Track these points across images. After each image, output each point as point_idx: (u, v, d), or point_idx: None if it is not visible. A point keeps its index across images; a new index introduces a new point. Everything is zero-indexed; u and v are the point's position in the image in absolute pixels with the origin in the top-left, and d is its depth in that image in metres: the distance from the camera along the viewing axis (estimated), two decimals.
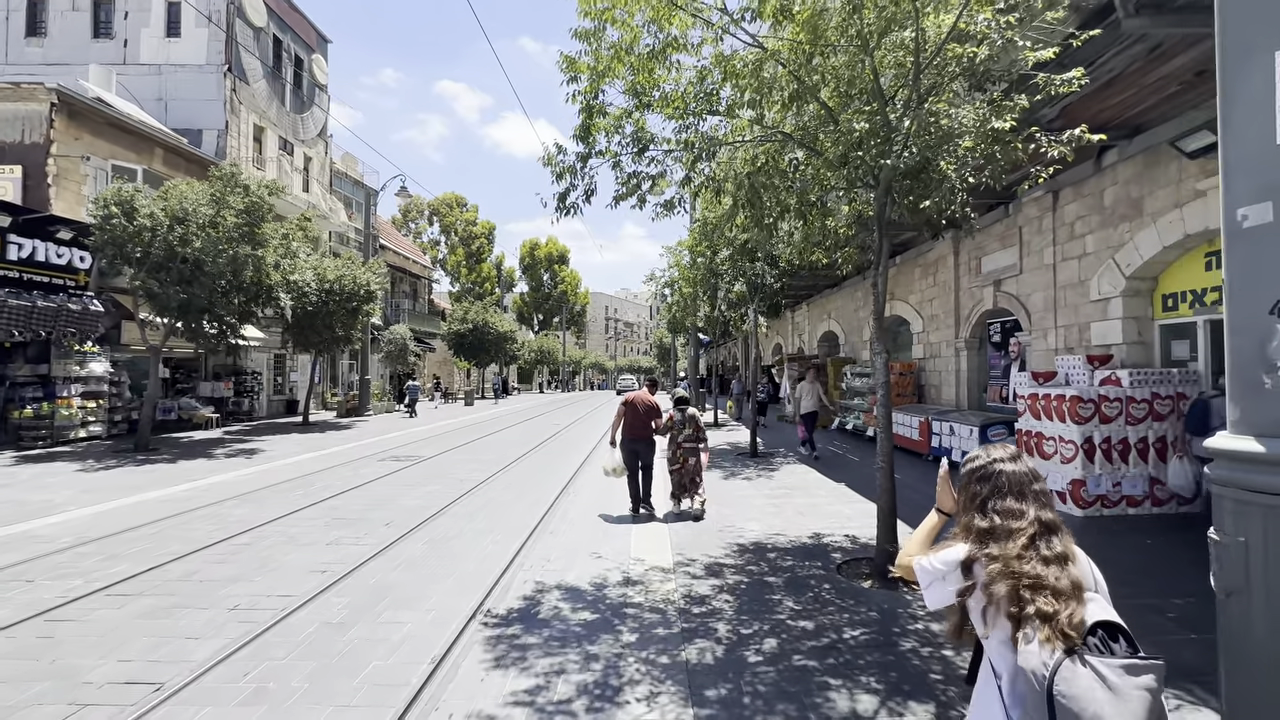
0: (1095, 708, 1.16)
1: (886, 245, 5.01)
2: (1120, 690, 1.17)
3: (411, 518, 7.03)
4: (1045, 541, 1.42)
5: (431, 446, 13.65)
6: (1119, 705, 1.16)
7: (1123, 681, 1.18)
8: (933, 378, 12.48)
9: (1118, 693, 1.17)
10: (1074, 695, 1.19)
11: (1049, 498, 1.52)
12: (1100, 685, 1.18)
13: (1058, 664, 1.22)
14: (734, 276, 12.56)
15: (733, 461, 11.26)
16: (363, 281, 18.04)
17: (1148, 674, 1.19)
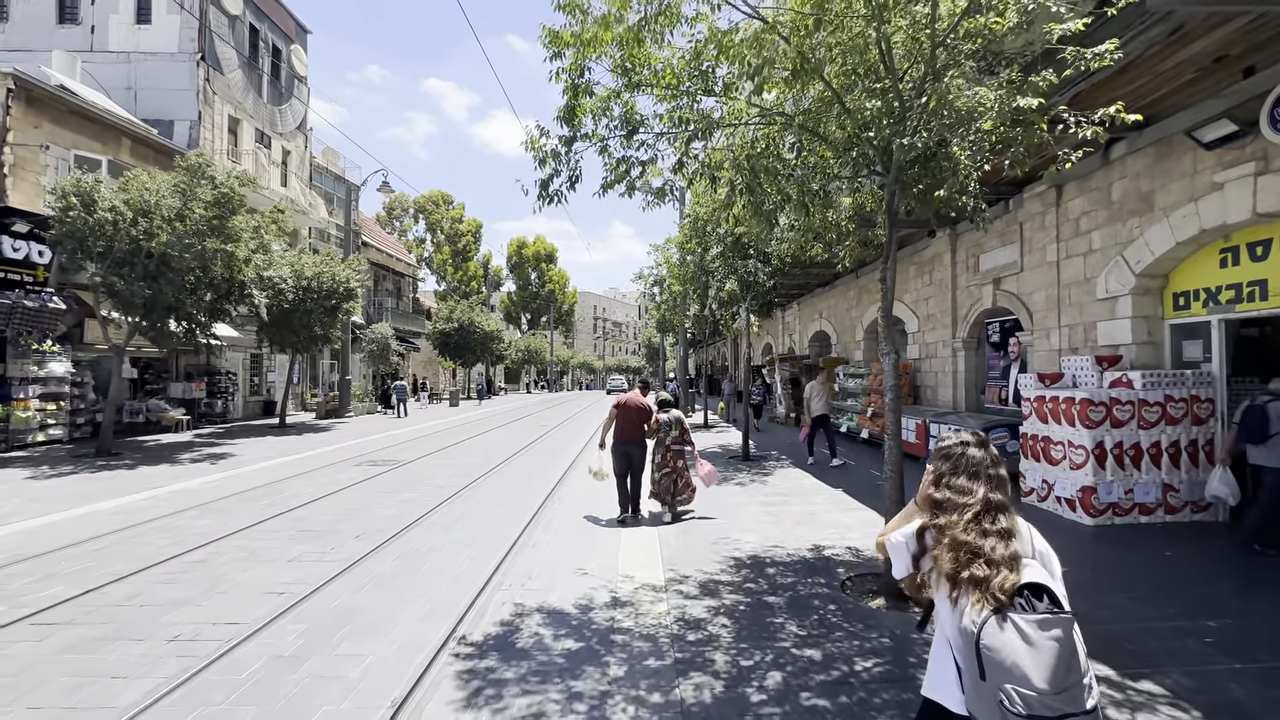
0: (1014, 657, 1.41)
1: (894, 237, 4.63)
2: (1035, 641, 1.41)
3: (384, 529, 6.56)
4: (989, 518, 1.62)
5: (412, 450, 13.13)
6: (1034, 654, 1.40)
7: (1037, 634, 1.42)
8: (929, 379, 12.20)
9: (1033, 643, 1.41)
10: (996, 647, 1.43)
11: (1003, 482, 1.70)
12: (1019, 638, 1.42)
13: (984, 621, 1.46)
14: (725, 274, 12.18)
15: (725, 465, 10.88)
16: (342, 278, 17.44)
17: (1057, 627, 1.43)
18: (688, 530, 6.57)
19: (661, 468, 7.05)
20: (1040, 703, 1.39)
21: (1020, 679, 1.40)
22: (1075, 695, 1.41)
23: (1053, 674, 1.40)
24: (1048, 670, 1.40)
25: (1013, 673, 1.41)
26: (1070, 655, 1.42)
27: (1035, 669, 1.40)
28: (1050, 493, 6.86)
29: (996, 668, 1.44)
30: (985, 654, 1.45)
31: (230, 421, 18.93)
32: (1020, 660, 1.41)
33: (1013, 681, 1.41)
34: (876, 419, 12.53)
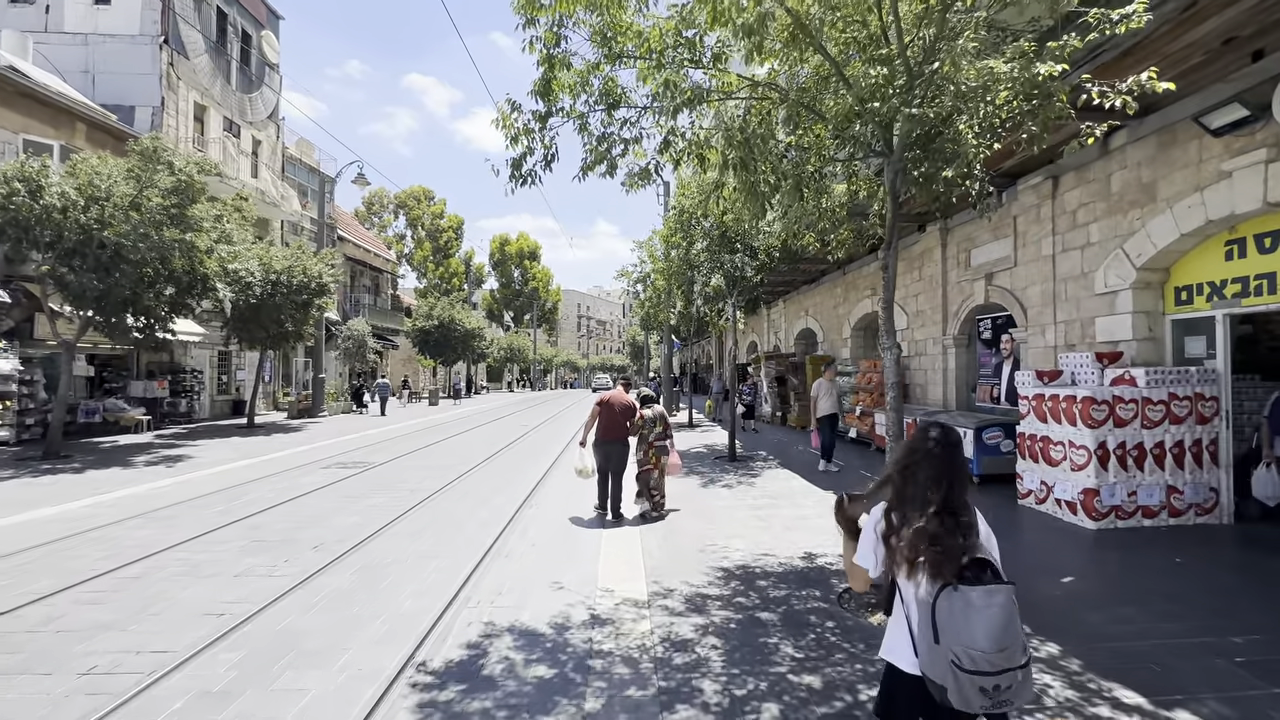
0: (963, 620, 1.66)
1: (896, 222, 4.29)
2: (980, 607, 1.66)
3: (345, 539, 6.07)
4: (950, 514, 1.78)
5: (384, 451, 12.58)
6: (979, 617, 1.65)
7: (982, 600, 1.67)
8: (918, 376, 11.95)
9: (980, 610, 1.66)
10: (947, 611, 1.68)
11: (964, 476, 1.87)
12: (969, 606, 1.67)
13: (938, 591, 1.71)
14: (711, 269, 11.82)
15: (711, 466, 10.52)
16: (314, 273, 16.77)
17: (1000, 595, 1.68)
18: (672, 536, 6.18)
19: (644, 464, 6.88)
20: (985, 659, 1.62)
21: (969, 640, 1.63)
22: (1013, 653, 1.64)
23: (996, 635, 1.62)
24: (992, 632, 1.62)
25: (962, 635, 1.64)
26: (1010, 619, 1.65)
27: (982, 631, 1.63)
28: (1049, 495, 6.58)
29: (949, 631, 1.66)
30: (940, 620, 1.67)
31: (196, 422, 18.14)
32: (969, 624, 1.64)
33: (962, 642, 1.63)
34: (865, 418, 12.27)
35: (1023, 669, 1.65)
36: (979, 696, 1.62)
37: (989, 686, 1.62)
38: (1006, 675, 1.63)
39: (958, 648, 1.64)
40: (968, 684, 1.62)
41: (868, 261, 14.27)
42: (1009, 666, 1.63)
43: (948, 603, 1.68)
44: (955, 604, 1.67)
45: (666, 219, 13.20)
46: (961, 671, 1.63)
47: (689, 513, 7.14)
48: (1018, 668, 1.64)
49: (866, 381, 12.58)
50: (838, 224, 5.56)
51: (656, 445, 6.86)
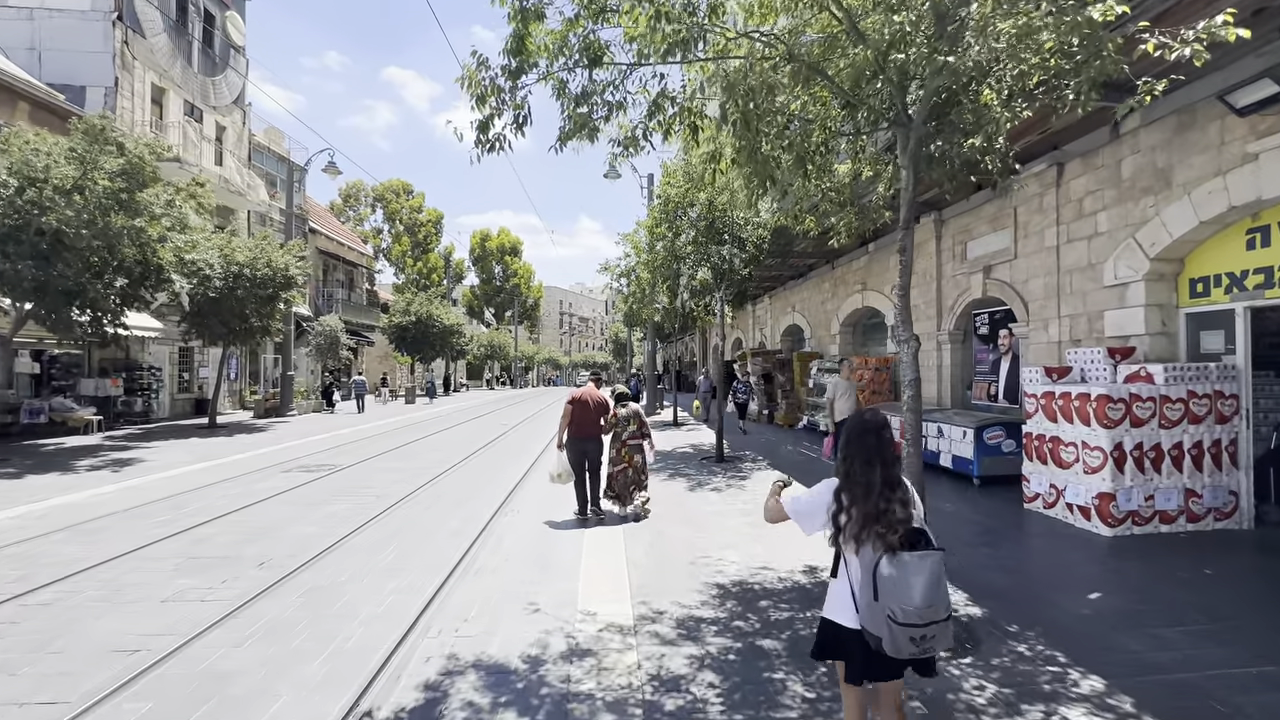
0: (901, 581, 1.93)
1: (915, 196, 3.81)
2: (915, 570, 1.94)
3: (297, 554, 5.45)
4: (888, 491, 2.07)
5: (353, 453, 11.88)
6: (914, 578, 1.92)
7: (917, 565, 1.94)
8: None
9: (914, 572, 1.93)
10: (887, 574, 1.95)
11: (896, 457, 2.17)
12: (904, 568, 1.94)
13: (879, 557, 1.99)
14: (698, 261, 11.33)
15: (698, 468, 10.03)
16: (280, 265, 15.92)
17: (931, 559, 1.96)
18: (659, 546, 5.67)
19: (617, 463, 6.70)
20: (916, 614, 1.91)
21: (905, 598, 1.92)
22: (939, 608, 1.94)
23: (927, 593, 1.92)
24: (924, 591, 1.92)
25: (899, 593, 1.93)
26: (939, 579, 1.95)
27: (913, 589, 1.92)
28: (1059, 499, 6.20)
29: (888, 591, 1.95)
30: (880, 581, 1.96)
31: (154, 422, 17.18)
32: (906, 584, 1.93)
33: (897, 599, 1.93)
34: None
35: (945, 621, 1.95)
36: (909, 645, 1.92)
37: (918, 636, 1.92)
38: (933, 627, 1.92)
39: (894, 604, 1.92)
40: (900, 634, 1.91)
41: (857, 256, 13.90)
42: (935, 619, 1.93)
43: (888, 567, 1.96)
44: (894, 568, 1.95)
45: (651, 209, 12.67)
46: (896, 624, 1.91)
47: (676, 519, 6.64)
48: (941, 620, 1.94)
49: (858, 379, 12.18)
50: (841, 205, 5.07)
51: (630, 444, 6.67)
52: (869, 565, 2.01)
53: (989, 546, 5.54)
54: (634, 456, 6.69)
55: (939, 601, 1.93)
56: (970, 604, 4.25)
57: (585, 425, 6.65)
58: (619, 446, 6.72)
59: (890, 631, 1.93)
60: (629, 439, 6.71)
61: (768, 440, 13.52)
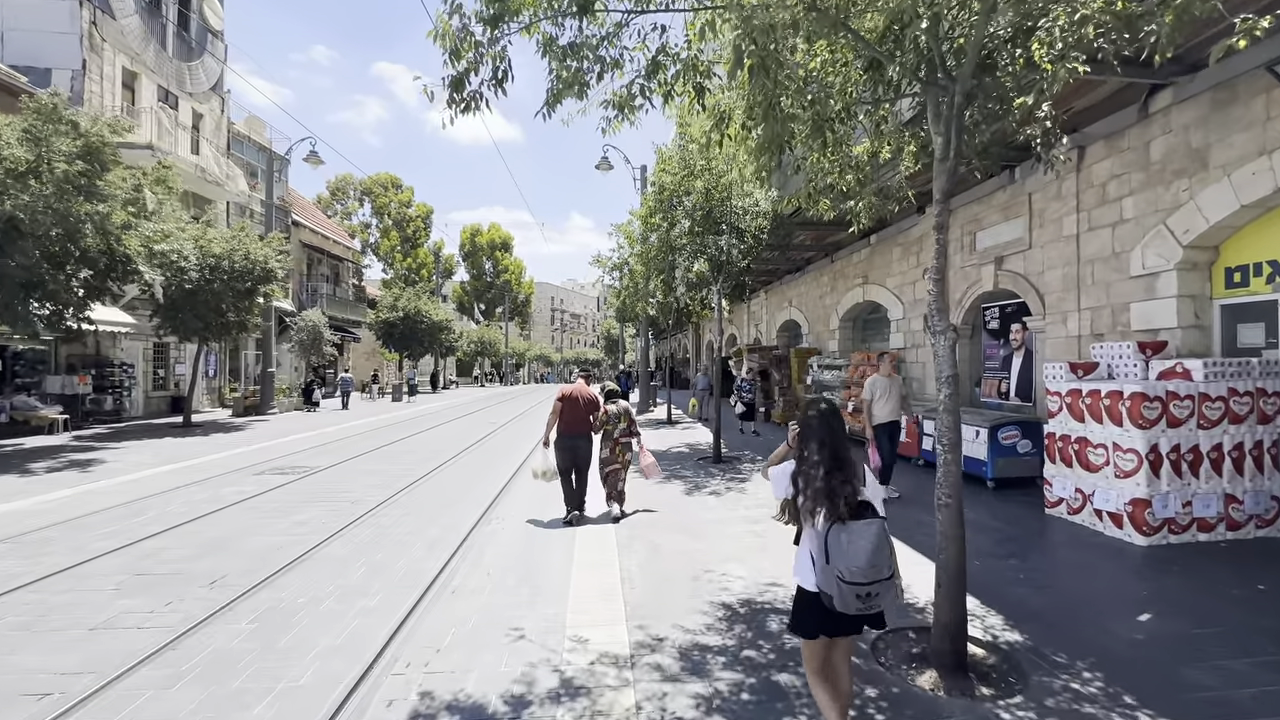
0: (847, 546, 2.22)
1: (954, 164, 3.32)
2: (859, 536, 2.23)
3: (256, 569, 4.91)
4: (838, 470, 2.35)
5: (332, 454, 11.30)
6: (858, 543, 2.21)
7: (861, 531, 2.24)
8: (915, 370, 11.16)
9: (858, 537, 2.23)
10: (836, 540, 2.24)
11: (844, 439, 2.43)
12: (850, 535, 2.24)
13: (829, 526, 2.27)
14: (694, 253, 10.83)
15: (694, 469, 9.54)
16: (258, 257, 15.27)
17: (874, 526, 2.25)
18: (656, 559, 5.17)
19: (609, 463, 6.54)
20: (861, 573, 2.20)
21: (851, 560, 2.20)
22: (880, 568, 2.22)
23: (870, 556, 2.21)
24: (865, 553, 2.21)
25: (846, 556, 2.21)
26: (880, 543, 2.24)
27: (859, 552, 2.21)
28: (1086, 504, 5.77)
29: (836, 554, 2.24)
30: (830, 547, 2.25)
31: (126, 421, 16.48)
32: (852, 549, 2.21)
33: (845, 561, 2.22)
34: (858, 415, 11.43)
35: (888, 580, 2.25)
36: (856, 601, 2.21)
37: (863, 593, 2.21)
38: (876, 585, 2.22)
39: (842, 566, 2.22)
40: (848, 592, 2.21)
41: (858, 248, 13.46)
42: (878, 579, 2.22)
43: (836, 534, 2.26)
44: (842, 535, 2.25)
45: (645, 197, 12.15)
46: (844, 583, 2.21)
47: (674, 526, 6.14)
48: (884, 579, 2.24)
49: (860, 375, 11.74)
50: (863, 183, 4.58)
51: (622, 442, 6.57)
52: (821, 534, 2.30)
53: (1015, 558, 5.09)
54: (625, 455, 6.57)
55: (881, 563, 2.23)
56: (1008, 628, 3.79)
57: (575, 423, 6.45)
58: (611, 445, 6.56)
59: (839, 590, 2.23)
60: (620, 436, 6.57)
61: (766, 440, 13.06)
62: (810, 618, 2.42)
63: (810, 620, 2.42)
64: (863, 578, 2.19)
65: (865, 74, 3.87)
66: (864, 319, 14.46)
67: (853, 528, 2.24)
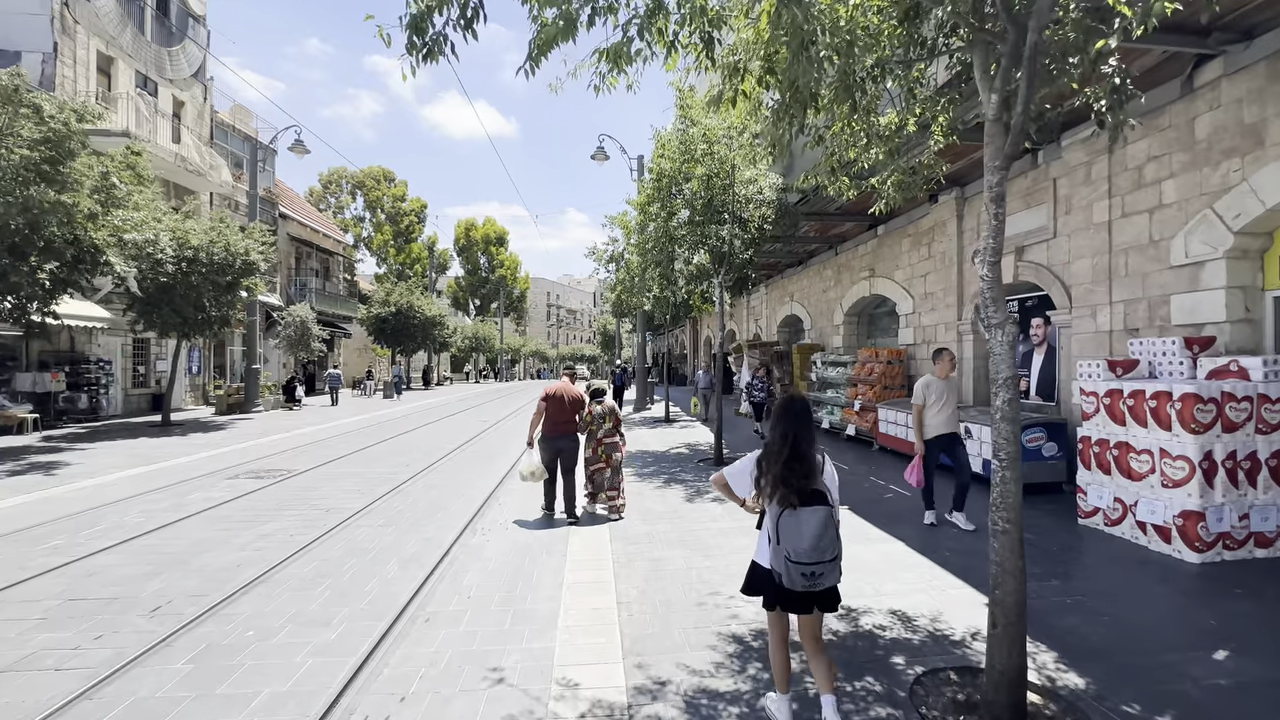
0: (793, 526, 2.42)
1: (1021, 121, 2.78)
2: (805, 519, 2.42)
3: (207, 593, 4.37)
4: (795, 461, 2.53)
5: (312, 455, 10.73)
6: (804, 528, 2.41)
7: (807, 516, 2.43)
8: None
9: (804, 522, 2.42)
10: (785, 523, 2.45)
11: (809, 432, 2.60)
12: (798, 520, 2.43)
13: (782, 510, 2.47)
14: (695, 244, 10.29)
15: (695, 472, 9.02)
16: (239, 249, 14.65)
17: (820, 512, 2.45)
18: (656, 579, 4.65)
19: (594, 462, 6.42)
20: (805, 554, 2.40)
21: (796, 542, 2.40)
22: (824, 550, 2.42)
23: (813, 539, 2.41)
24: (811, 536, 2.41)
25: (793, 539, 2.41)
26: (824, 528, 2.43)
27: (804, 535, 2.40)
28: (1127, 515, 5.26)
29: (785, 536, 2.44)
30: (780, 529, 2.45)
31: (103, 419, 15.86)
32: (799, 532, 2.41)
33: (792, 544, 2.41)
34: (866, 413, 10.94)
35: (831, 561, 2.45)
36: (801, 579, 2.42)
37: (808, 573, 2.41)
38: (820, 565, 2.43)
39: (789, 547, 2.42)
40: (794, 570, 2.42)
41: (864, 240, 12.93)
42: (820, 560, 2.42)
43: (786, 518, 2.46)
44: (791, 520, 2.45)
45: (642, 185, 11.58)
46: (790, 563, 2.42)
47: (674, 539, 5.62)
48: (827, 561, 2.44)
49: (867, 372, 11.24)
50: (893, 154, 4.02)
51: (606, 442, 6.43)
52: (774, 516, 2.49)
53: (1057, 578, 4.57)
54: (611, 455, 6.42)
55: (825, 546, 2.41)
56: (1065, 667, 3.27)
57: (560, 423, 6.36)
58: (595, 445, 6.44)
59: (787, 569, 2.42)
60: (604, 437, 6.44)
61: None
62: (762, 591, 2.68)
63: (762, 594, 2.68)
64: (807, 558, 2.39)
65: (900, 26, 3.33)
66: (870, 314, 13.95)
67: (801, 513, 2.44)
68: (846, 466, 9.20)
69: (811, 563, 2.39)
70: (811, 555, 2.38)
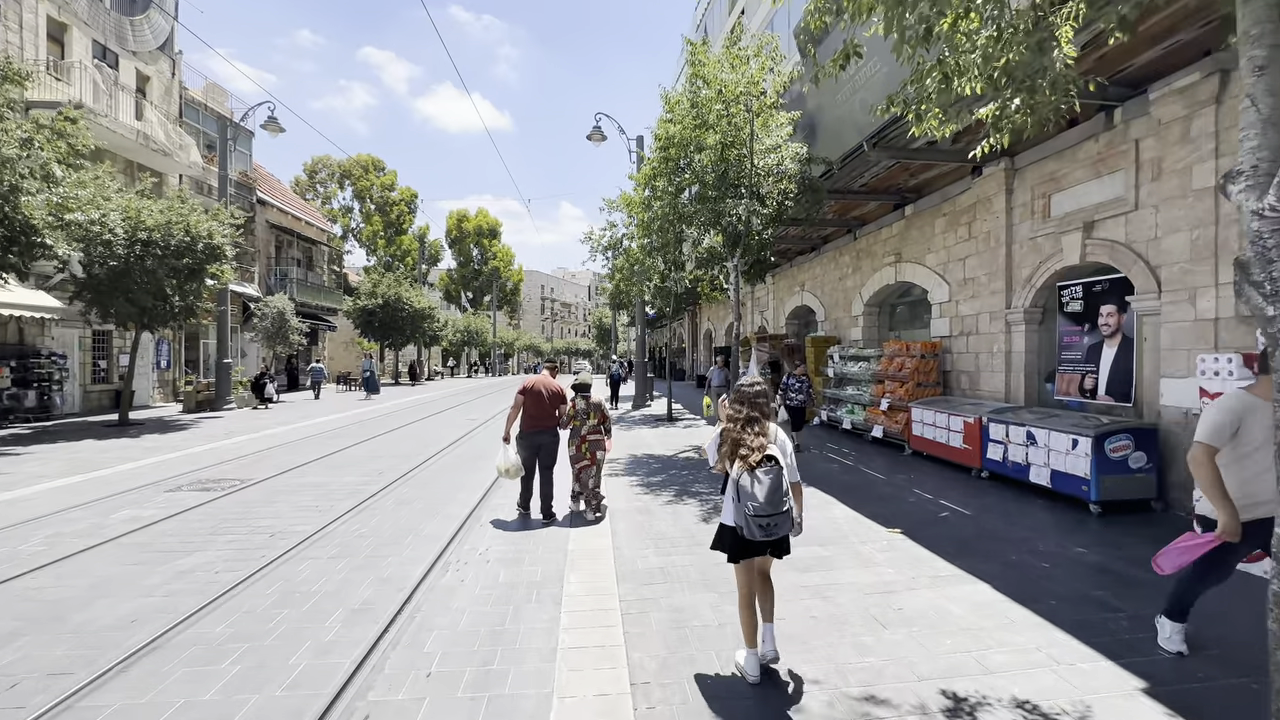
0: (749, 487, 2.86)
1: None
2: (759, 479, 2.86)
3: (70, 671, 3.19)
4: (751, 425, 3.03)
5: (274, 461, 9.52)
6: (759, 486, 2.84)
7: (761, 476, 2.87)
8: (963, 361, 9.55)
9: (760, 482, 2.86)
10: (744, 485, 2.88)
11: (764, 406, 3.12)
12: (754, 479, 2.87)
13: (740, 473, 2.92)
14: (707, 223, 9.13)
15: (709, 483, 7.88)
16: (200, 231, 13.35)
17: (772, 473, 2.87)
18: (680, 639, 3.50)
19: (578, 460, 6.15)
20: (761, 508, 2.84)
21: (752, 498, 2.85)
22: (777, 504, 2.85)
23: (767, 495, 2.84)
24: (765, 493, 2.84)
25: (750, 495, 2.86)
26: (777, 485, 2.87)
27: (759, 492, 2.85)
28: None
29: (744, 494, 2.88)
30: (740, 488, 2.91)
31: (56, 418, 14.58)
32: (753, 489, 2.86)
33: (750, 500, 2.86)
34: (896, 414, 9.82)
35: (784, 513, 2.88)
36: (759, 530, 2.86)
37: (764, 524, 2.85)
38: (775, 517, 2.86)
39: (748, 503, 2.86)
40: (753, 523, 2.86)
41: (888, 222, 11.80)
42: (774, 512, 2.85)
43: (746, 479, 2.90)
44: (749, 480, 2.89)
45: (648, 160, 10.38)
46: (749, 516, 2.86)
47: (696, 578, 4.47)
48: (780, 513, 2.86)
49: (897, 368, 10.13)
50: (1011, 75, 2.85)
51: (590, 439, 6.13)
52: (735, 478, 2.98)
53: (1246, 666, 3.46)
54: (595, 453, 6.13)
55: (777, 501, 2.86)
56: None
57: (540, 417, 6.08)
58: (579, 442, 6.13)
59: (747, 521, 2.88)
60: (589, 434, 6.13)
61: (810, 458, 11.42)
62: (728, 545, 3.10)
63: (728, 547, 3.11)
64: (763, 511, 2.85)
65: None
66: (892, 303, 12.83)
67: (757, 474, 2.89)
68: (881, 476, 8.09)
69: (767, 514, 2.85)
70: (765, 509, 2.84)
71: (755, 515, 2.82)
